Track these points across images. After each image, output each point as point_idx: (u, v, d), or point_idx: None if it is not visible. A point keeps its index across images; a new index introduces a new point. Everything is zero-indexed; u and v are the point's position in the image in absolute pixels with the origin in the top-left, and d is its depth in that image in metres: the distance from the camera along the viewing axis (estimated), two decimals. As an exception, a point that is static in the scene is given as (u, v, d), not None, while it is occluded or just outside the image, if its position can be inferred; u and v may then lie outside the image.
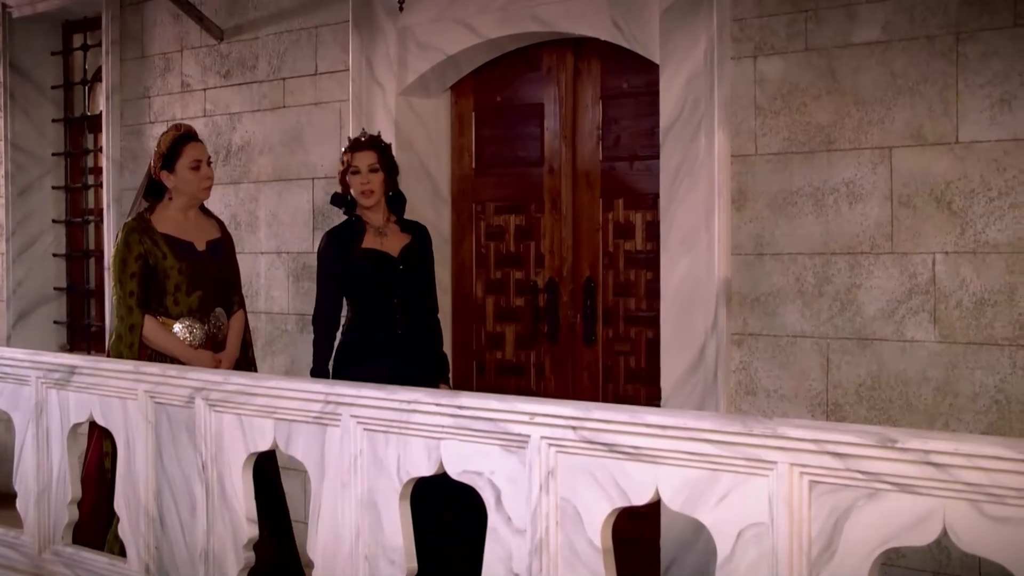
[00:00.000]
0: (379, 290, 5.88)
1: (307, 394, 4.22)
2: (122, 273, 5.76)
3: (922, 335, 5.03)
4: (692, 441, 3.22)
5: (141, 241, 5.77)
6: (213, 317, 5.94)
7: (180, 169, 5.87)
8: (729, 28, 5.54)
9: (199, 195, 5.99)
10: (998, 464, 2.76)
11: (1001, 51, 4.86)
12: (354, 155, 5.88)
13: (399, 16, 6.66)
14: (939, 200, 5.01)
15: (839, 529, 3.03)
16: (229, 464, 4.53)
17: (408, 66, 6.75)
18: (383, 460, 3.99)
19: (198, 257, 5.89)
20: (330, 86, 7.10)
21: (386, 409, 3.96)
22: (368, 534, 4.06)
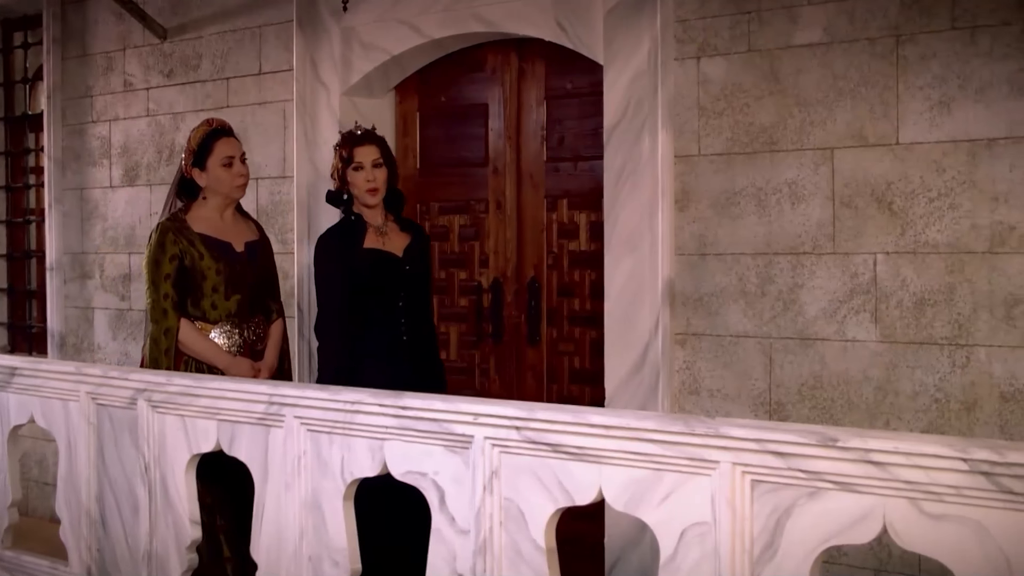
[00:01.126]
0: (384, 293, 5.53)
1: (250, 395, 4.20)
2: (156, 275, 5.49)
3: (863, 335, 5.07)
4: (635, 441, 3.24)
5: (176, 241, 5.51)
6: (252, 324, 5.69)
7: (212, 166, 5.63)
8: (672, 29, 5.57)
9: (232, 193, 5.71)
10: (936, 462, 2.79)
11: (940, 54, 4.91)
12: (355, 149, 5.57)
13: (343, 16, 6.64)
14: (880, 201, 5.05)
15: (781, 528, 3.05)
16: (172, 465, 4.51)
17: (352, 66, 6.73)
18: (327, 461, 3.99)
19: (236, 258, 5.64)
20: (274, 86, 7.08)
21: (330, 410, 3.96)
22: (312, 535, 4.05)
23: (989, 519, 2.75)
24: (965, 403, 4.88)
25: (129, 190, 7.85)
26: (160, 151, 7.60)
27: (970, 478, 2.75)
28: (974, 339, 4.85)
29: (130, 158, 7.85)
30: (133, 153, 7.83)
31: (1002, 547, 2.73)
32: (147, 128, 7.73)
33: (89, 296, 8.14)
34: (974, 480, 2.74)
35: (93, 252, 8.10)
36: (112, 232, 7.98)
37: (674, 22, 5.56)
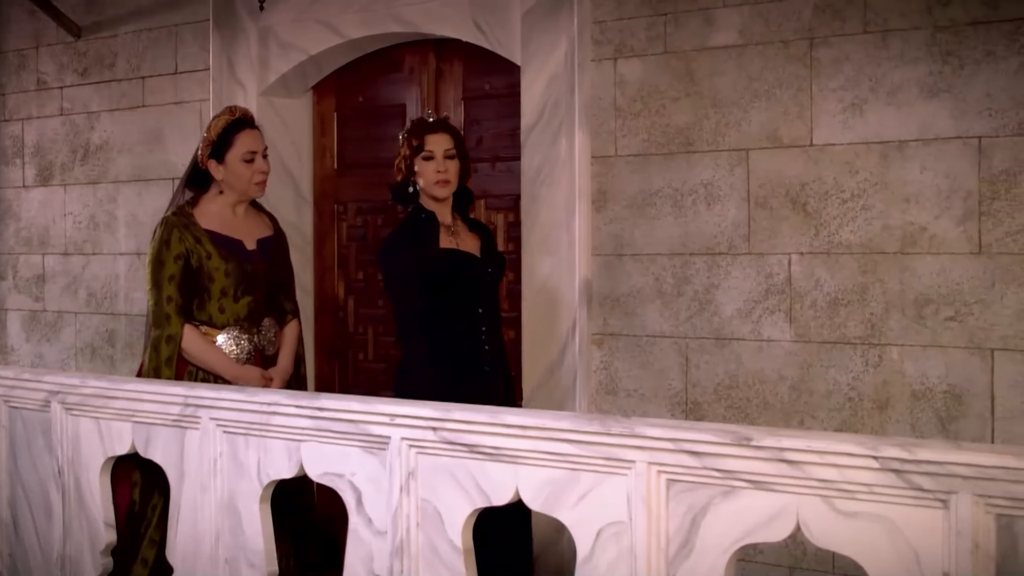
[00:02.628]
0: (465, 299, 4.99)
1: (166, 397, 4.16)
2: (159, 275, 4.99)
3: (778, 334, 5.12)
4: (551, 441, 3.24)
5: (182, 239, 5.00)
6: (263, 328, 5.19)
7: (231, 160, 5.09)
8: (589, 30, 5.59)
9: (250, 192, 5.18)
10: (848, 460, 2.82)
11: (852, 56, 4.97)
12: (426, 137, 5.04)
13: (260, 16, 6.61)
14: (794, 202, 5.10)
15: (696, 526, 3.06)
16: (86, 469, 4.46)
17: (269, 66, 6.70)
18: (243, 463, 3.96)
19: (247, 258, 5.11)
20: (190, 85, 7.03)
21: (246, 411, 3.93)
22: (228, 537, 4.02)
23: (899, 516, 2.79)
24: (878, 402, 4.93)
25: (43, 190, 7.76)
26: (74, 151, 7.53)
27: (881, 476, 2.78)
28: (886, 338, 4.91)
29: (44, 158, 7.76)
30: (47, 153, 7.75)
31: (912, 543, 2.77)
32: (61, 127, 7.64)
33: (2, 297, 8.04)
34: (885, 478, 2.77)
35: (6, 253, 8.00)
36: (26, 232, 7.89)
37: (591, 23, 5.59)
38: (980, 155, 4.73)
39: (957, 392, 4.79)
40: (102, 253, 7.37)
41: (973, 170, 4.74)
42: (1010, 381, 4.69)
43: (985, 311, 4.73)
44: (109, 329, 7.36)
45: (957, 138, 4.77)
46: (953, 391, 4.79)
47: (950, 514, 2.71)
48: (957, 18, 4.78)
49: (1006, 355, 4.70)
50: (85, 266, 7.49)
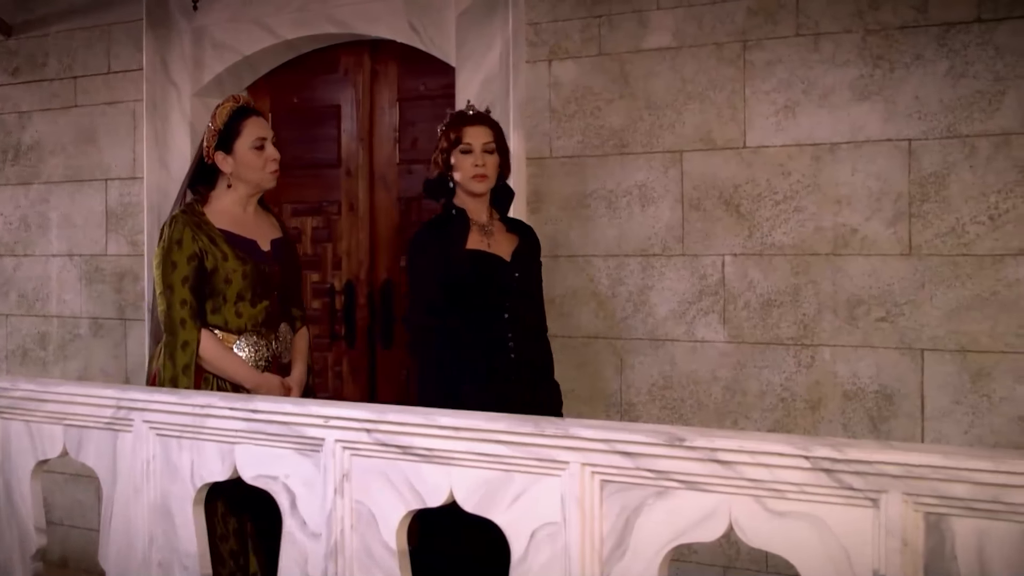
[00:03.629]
0: (487, 304, 4.76)
1: (98, 399, 4.12)
2: (171, 277, 4.68)
3: (712, 335, 5.15)
4: (485, 442, 3.24)
5: (195, 238, 4.70)
6: (280, 334, 4.91)
7: (241, 150, 4.81)
8: (524, 32, 5.60)
9: (263, 182, 4.91)
10: (779, 460, 2.84)
11: (785, 59, 5.00)
12: (464, 130, 4.83)
13: (194, 16, 6.57)
14: (728, 203, 5.13)
15: (630, 527, 3.07)
16: (17, 473, 4.41)
17: (204, 66, 6.66)
18: (177, 465, 3.93)
19: (263, 259, 4.84)
20: (124, 85, 6.97)
21: (179, 414, 3.90)
22: (162, 540, 3.99)
23: (830, 515, 2.81)
24: (810, 402, 4.97)
25: (-27, 191, 7.69)
26: (5, 151, 7.44)
27: (812, 475, 2.80)
28: (818, 339, 4.95)
29: (-26, 158, 7.69)
30: (-23, 153, 7.67)
31: (842, 542, 2.79)
32: (-9, 128, 7.58)
33: (-68, 299, 7.95)
34: (816, 477, 2.80)
35: (-64, 254, 7.92)
36: (-44, 234, 7.81)
37: (525, 25, 5.60)
38: (910, 157, 4.78)
39: (888, 392, 4.84)
40: (34, 255, 7.29)
41: (903, 172, 4.79)
42: (939, 381, 4.75)
43: (915, 312, 4.78)
44: (41, 332, 7.30)
45: (887, 141, 4.82)
46: (884, 391, 4.84)
47: (880, 513, 2.74)
48: (887, 22, 4.82)
49: (935, 355, 4.75)
50: (16, 268, 7.41)
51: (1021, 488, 2.59)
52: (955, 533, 2.68)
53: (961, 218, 4.71)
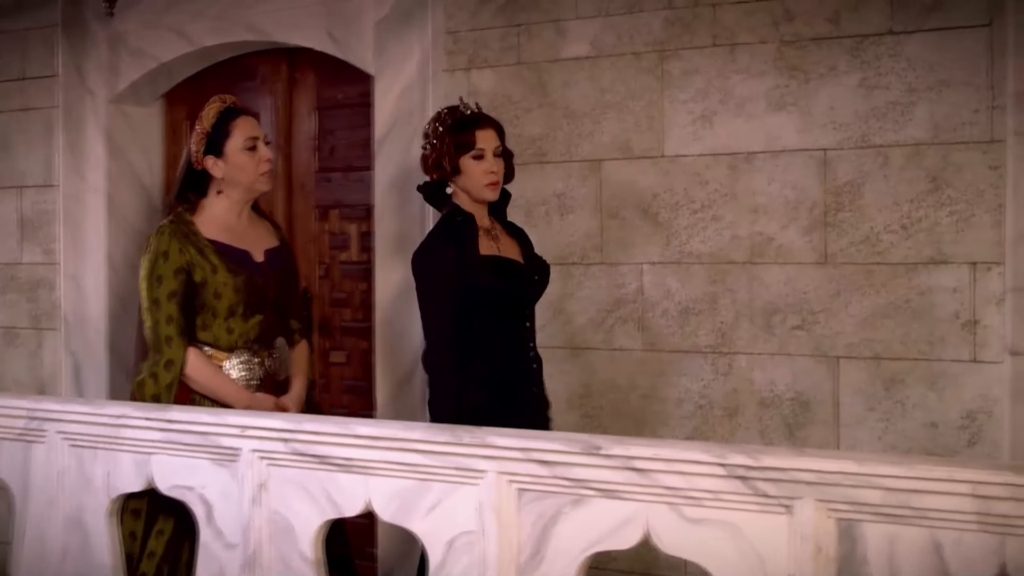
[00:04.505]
0: (510, 312, 4.49)
1: (9, 410, 4.07)
2: (156, 292, 4.39)
3: (630, 343, 5.17)
4: (402, 452, 3.25)
5: (183, 250, 4.42)
6: (275, 350, 4.64)
7: (232, 152, 4.52)
8: (443, 41, 5.60)
9: (257, 184, 4.60)
10: (695, 468, 2.86)
11: (702, 69, 5.04)
12: (476, 134, 4.49)
13: (110, 22, 6.50)
14: (646, 212, 5.16)
15: (547, 535, 3.08)
16: (-73, 484, 4.35)
17: (120, 73, 6.60)
18: (91, 477, 3.89)
19: (256, 271, 4.55)
20: (38, 92, 6.89)
21: (94, 424, 3.86)
22: (76, 553, 3.95)
23: (745, 522, 2.83)
24: (727, 409, 5.01)
25: None
26: (-83, 158, 7.35)
27: (727, 482, 2.82)
28: (735, 347, 4.99)
29: None
30: None
31: (757, 548, 2.82)
32: (-97, 135, 7.46)
33: None
34: (731, 484, 2.82)
35: None
36: None
37: (444, 34, 5.60)
38: (825, 167, 4.83)
39: (804, 399, 4.88)
40: (-54, 263, 7.21)
41: (818, 182, 4.84)
42: (854, 388, 4.80)
43: (830, 320, 4.83)
44: (-47, 341, 7.20)
45: (803, 150, 4.87)
46: (800, 398, 4.88)
47: (793, 519, 2.77)
48: (802, 33, 4.87)
49: (850, 363, 4.80)
50: (-72, 276, 7.31)
51: (930, 493, 2.63)
52: (867, 538, 2.72)
53: (875, 227, 4.76)
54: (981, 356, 4.61)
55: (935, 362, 4.68)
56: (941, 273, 4.66)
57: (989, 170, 4.58)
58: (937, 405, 4.67)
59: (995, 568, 2.60)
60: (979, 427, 4.61)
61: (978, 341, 4.62)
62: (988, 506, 2.57)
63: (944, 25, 4.64)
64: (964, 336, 4.63)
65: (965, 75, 4.61)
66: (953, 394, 4.65)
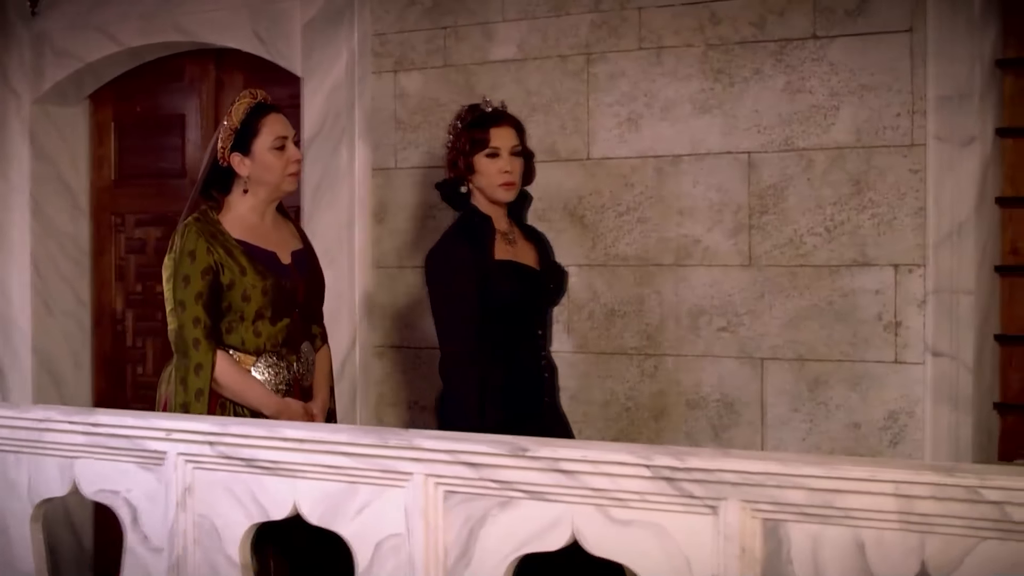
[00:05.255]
0: (524, 319, 4.39)
1: (-72, 415, 4.03)
2: (183, 294, 4.24)
3: (557, 345, 5.18)
4: (329, 454, 3.24)
5: (210, 250, 4.26)
6: (301, 355, 4.49)
7: (259, 151, 4.36)
8: (370, 42, 5.60)
9: (284, 185, 4.44)
10: (622, 469, 2.87)
11: (628, 72, 5.07)
12: (491, 131, 4.39)
13: (34, 21, 6.45)
14: (572, 214, 5.17)
15: (474, 537, 3.09)
16: None
17: (44, 73, 6.54)
18: (14, 482, 3.85)
19: (284, 274, 4.40)
20: (-40, 93, 6.82)
21: (16, 428, 3.82)
22: (-2, 559, 3.92)
23: (671, 523, 2.85)
24: (654, 411, 5.04)
25: None
26: None
27: (653, 484, 2.84)
28: (662, 348, 5.02)
29: None
30: None
31: (683, 549, 2.83)
32: None
33: None
34: (657, 486, 2.83)
35: None
36: None
37: (372, 36, 5.60)
38: (749, 170, 4.87)
39: (729, 400, 4.92)
40: None
41: (743, 185, 4.88)
42: (778, 389, 4.84)
43: (755, 321, 4.87)
44: None
45: (728, 153, 4.91)
46: (725, 400, 4.92)
47: (719, 520, 2.79)
48: (727, 37, 4.91)
49: (775, 364, 4.84)
50: None
51: (853, 493, 2.65)
52: (791, 538, 2.74)
53: (799, 229, 4.81)
54: (903, 357, 4.67)
55: (858, 363, 4.73)
56: (864, 275, 4.71)
57: (910, 173, 4.64)
58: (860, 406, 4.73)
59: (916, 566, 2.63)
60: (901, 427, 4.67)
61: (900, 342, 4.67)
62: (909, 505, 2.60)
63: (866, 30, 4.70)
64: (886, 337, 4.69)
65: (887, 80, 4.67)
66: (876, 395, 4.71)
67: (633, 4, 5.07)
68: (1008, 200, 4.67)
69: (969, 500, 2.54)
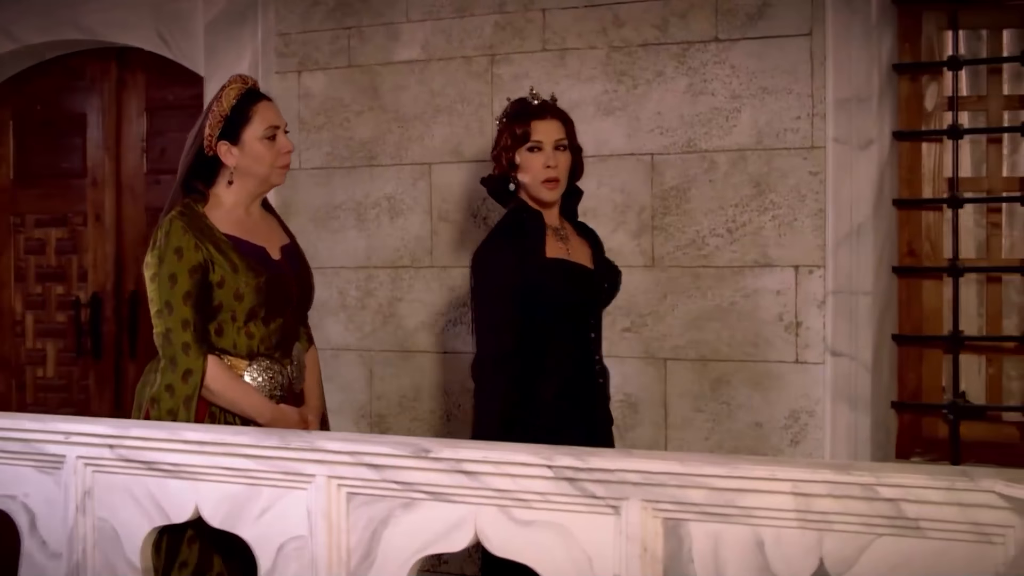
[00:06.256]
0: (576, 321, 4.10)
1: None
2: (170, 293, 3.87)
3: (461, 346, 5.19)
4: (231, 456, 3.22)
5: (199, 246, 3.91)
6: (294, 357, 4.19)
7: (249, 140, 4.02)
8: (274, 43, 5.57)
9: (272, 178, 4.12)
10: (524, 470, 2.88)
11: (532, 73, 5.08)
12: (533, 123, 4.11)
13: (-71, 18, 6.36)
14: (476, 215, 5.18)
15: (377, 538, 3.08)
16: None
17: (-60, 72, 6.46)
18: (-94, 489, 3.79)
19: (276, 270, 4.07)
20: None
21: (-91, 434, 3.77)
22: None
23: (573, 523, 2.86)
24: (558, 411, 5.05)
25: None
26: None
27: (555, 484, 2.85)
28: (565, 349, 5.03)
29: None
30: None
31: (585, 549, 2.85)
32: None
33: None
34: (559, 486, 2.85)
35: None
36: None
37: (275, 36, 5.57)
38: (653, 171, 4.90)
39: (633, 401, 4.94)
40: None
41: (646, 186, 4.91)
42: (681, 390, 4.88)
43: (658, 323, 4.91)
44: None
45: (631, 155, 4.94)
46: (629, 400, 4.95)
47: (621, 520, 2.81)
48: (630, 39, 4.94)
49: (678, 364, 4.88)
50: None
51: (753, 492, 2.68)
52: (692, 537, 2.76)
53: (701, 231, 4.85)
54: (804, 357, 4.73)
55: (760, 363, 4.78)
56: (765, 276, 4.76)
57: (810, 175, 4.69)
58: (762, 406, 4.78)
59: (814, 563, 2.66)
60: (802, 426, 4.73)
61: (801, 343, 4.73)
62: (807, 503, 2.63)
63: (767, 34, 4.75)
64: (787, 338, 4.74)
65: (787, 83, 4.73)
66: (777, 395, 4.76)
67: (537, 6, 5.09)
68: (904, 202, 4.74)
69: (865, 498, 2.58)
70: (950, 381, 4.69)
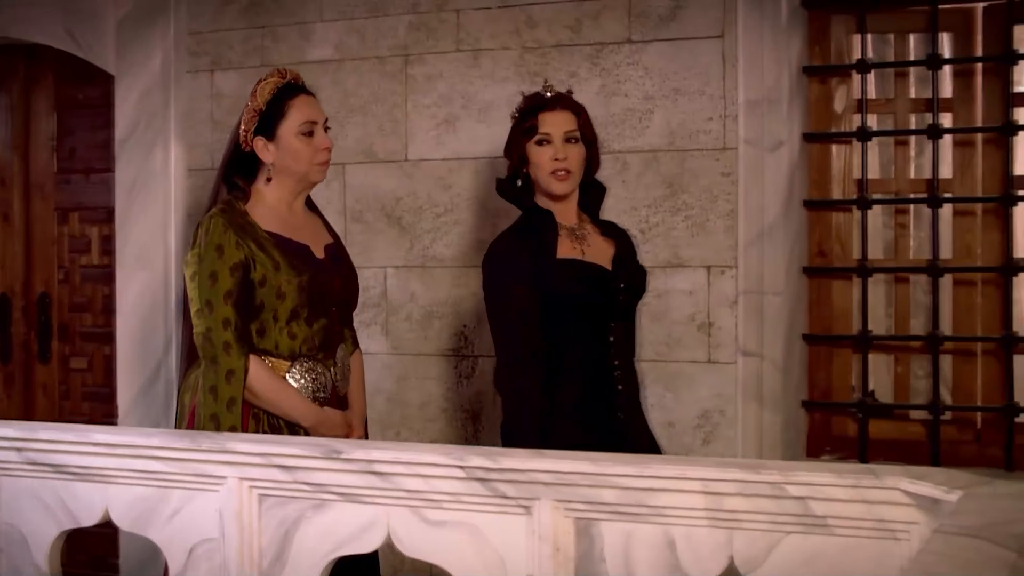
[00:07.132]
0: (591, 324, 3.95)
1: None
2: (211, 292, 3.79)
3: (376, 347, 5.18)
4: (141, 459, 3.20)
5: (240, 244, 3.82)
6: (338, 359, 4.07)
7: (285, 136, 3.95)
8: (185, 42, 5.54)
9: (312, 175, 4.02)
10: (435, 471, 2.89)
11: (446, 74, 5.08)
12: (541, 116, 4.02)
13: None
14: (390, 216, 5.18)
15: (289, 540, 3.08)
16: None
17: None
18: None
19: (319, 268, 3.98)
20: None
21: None
22: None
23: (485, 523, 2.88)
24: (471, 412, 5.06)
25: None
26: None
27: (467, 484, 2.86)
28: (479, 350, 5.04)
29: None
30: None
31: (497, 549, 2.86)
32: None
33: None
34: (470, 487, 2.86)
35: None
36: None
37: (187, 35, 5.53)
38: (566, 172, 4.91)
39: (546, 400, 4.96)
40: None
41: (560, 187, 4.93)
42: (595, 389, 4.89)
43: (572, 322, 4.92)
44: None
45: (544, 156, 4.94)
46: (542, 400, 4.96)
47: (533, 520, 2.82)
48: (543, 40, 4.96)
49: (591, 364, 4.89)
50: None
51: (664, 491, 2.71)
52: (603, 536, 2.79)
53: (614, 231, 4.87)
54: (716, 357, 4.77)
55: (672, 363, 4.81)
56: (678, 276, 4.80)
57: (722, 176, 4.73)
58: (674, 405, 4.81)
59: (724, 560, 2.69)
60: (714, 426, 4.76)
61: (713, 342, 4.77)
62: (717, 502, 2.66)
63: (679, 35, 4.78)
64: (700, 337, 4.78)
65: (699, 84, 4.76)
66: (689, 394, 4.79)
67: (450, 6, 5.09)
68: (814, 203, 4.79)
69: (774, 496, 2.61)
70: (859, 380, 4.75)
